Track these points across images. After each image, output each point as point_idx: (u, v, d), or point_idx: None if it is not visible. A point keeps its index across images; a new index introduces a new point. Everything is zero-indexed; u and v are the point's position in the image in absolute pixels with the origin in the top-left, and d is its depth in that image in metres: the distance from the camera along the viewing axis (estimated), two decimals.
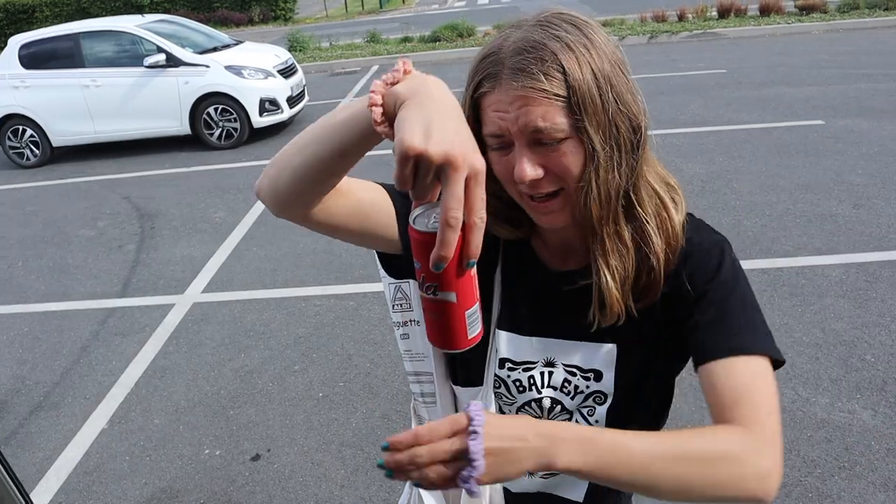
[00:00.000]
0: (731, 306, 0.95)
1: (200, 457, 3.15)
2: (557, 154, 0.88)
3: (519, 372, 1.05)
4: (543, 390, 1.05)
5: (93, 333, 4.37)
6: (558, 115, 0.86)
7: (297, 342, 3.98)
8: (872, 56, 9.81)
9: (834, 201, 5.07)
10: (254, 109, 8.40)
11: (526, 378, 1.05)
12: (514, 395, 1.06)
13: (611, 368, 1.02)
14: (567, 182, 0.90)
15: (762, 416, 0.85)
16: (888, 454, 2.70)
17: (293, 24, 23.58)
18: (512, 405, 1.08)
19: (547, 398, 1.05)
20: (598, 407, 1.04)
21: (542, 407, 1.06)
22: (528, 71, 0.85)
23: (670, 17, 14.01)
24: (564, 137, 0.87)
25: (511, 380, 1.05)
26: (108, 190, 7.44)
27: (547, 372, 1.04)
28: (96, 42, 8.59)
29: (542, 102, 0.85)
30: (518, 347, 1.05)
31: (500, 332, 1.06)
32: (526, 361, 1.05)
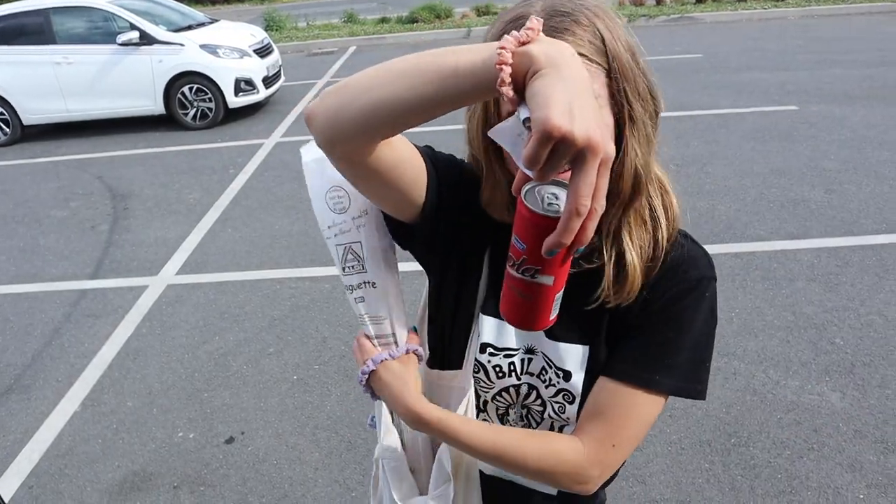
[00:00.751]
0: (674, 343, 0.95)
1: (174, 439, 3.13)
2: None
3: (500, 358, 1.03)
4: (522, 377, 1.04)
5: (65, 315, 4.31)
6: (597, 81, 0.83)
7: (271, 325, 3.96)
8: (846, 42, 9.91)
9: (807, 186, 5.14)
10: (229, 89, 8.29)
11: (506, 364, 1.04)
12: (492, 380, 1.05)
13: (581, 370, 1.00)
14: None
15: (606, 443, 0.95)
16: (855, 436, 2.76)
17: (270, 3, 23.27)
18: (489, 391, 1.07)
19: (525, 384, 1.04)
20: (567, 405, 1.02)
21: (518, 393, 1.05)
22: (570, 31, 0.81)
23: (648, 2, 14.03)
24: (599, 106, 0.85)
25: (491, 365, 1.04)
26: (81, 170, 7.31)
27: (527, 359, 1.03)
28: (67, 18, 8.39)
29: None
30: (501, 333, 1.03)
31: (484, 317, 1.03)
32: (507, 348, 1.03)
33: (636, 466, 2.70)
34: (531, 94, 0.63)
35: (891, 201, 4.78)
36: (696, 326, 0.96)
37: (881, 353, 3.22)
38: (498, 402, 1.07)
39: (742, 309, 3.67)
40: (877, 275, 3.87)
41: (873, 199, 4.82)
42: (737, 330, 3.49)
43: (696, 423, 2.89)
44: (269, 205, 5.76)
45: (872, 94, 7.27)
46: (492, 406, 1.08)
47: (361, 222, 1.01)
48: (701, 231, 4.56)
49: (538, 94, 0.62)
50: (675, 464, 2.72)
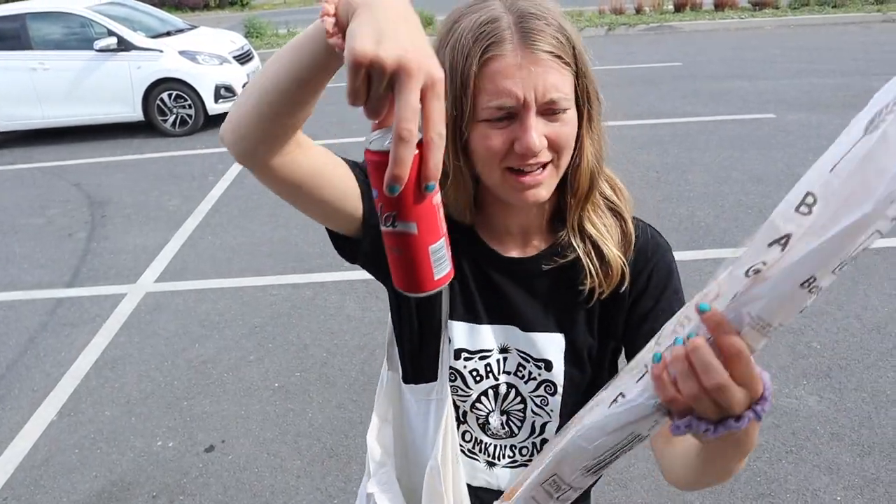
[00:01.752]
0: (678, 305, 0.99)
1: (153, 448, 3.09)
2: (560, 124, 0.87)
3: (475, 361, 1.04)
4: (500, 376, 1.05)
5: (41, 324, 4.25)
6: (567, 84, 0.86)
7: (252, 332, 3.94)
8: (822, 52, 10.07)
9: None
10: (209, 96, 8.25)
11: (483, 366, 1.04)
12: (470, 386, 1.05)
13: (560, 359, 1.02)
14: (561, 152, 0.89)
15: None
16: (832, 438, 2.79)
17: (250, 9, 23.22)
18: (467, 398, 1.06)
19: (503, 384, 1.05)
20: (549, 398, 1.04)
21: (497, 393, 1.05)
22: (544, 35, 0.84)
23: (628, 10, 14.18)
24: (567, 108, 0.87)
25: (468, 370, 1.04)
26: (58, 177, 7.23)
27: (502, 358, 1.04)
28: (44, 24, 8.33)
29: (558, 69, 0.85)
30: (474, 336, 1.03)
31: (454, 323, 1.03)
32: (481, 350, 1.04)
33: (618, 471, 2.72)
34: (347, 34, 0.61)
35: None
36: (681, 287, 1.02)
37: (857, 357, 3.26)
38: (477, 411, 1.07)
39: None
40: (852, 279, 3.93)
41: None
42: None
43: None
44: (249, 211, 5.73)
45: (847, 103, 7.38)
46: (471, 416, 1.08)
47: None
48: (681, 237, 4.61)
49: (349, 30, 0.61)
50: (655, 468, 2.73)
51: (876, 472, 2.60)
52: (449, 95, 0.87)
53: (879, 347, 3.32)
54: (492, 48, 0.84)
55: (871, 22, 12.32)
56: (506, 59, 0.84)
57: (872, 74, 8.50)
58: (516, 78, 0.83)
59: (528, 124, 0.85)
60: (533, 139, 0.84)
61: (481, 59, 0.84)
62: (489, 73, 0.85)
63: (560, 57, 0.84)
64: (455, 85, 0.87)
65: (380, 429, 1.18)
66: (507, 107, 0.85)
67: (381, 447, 1.17)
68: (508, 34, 0.84)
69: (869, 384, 3.08)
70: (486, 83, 0.85)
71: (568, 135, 0.89)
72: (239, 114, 0.82)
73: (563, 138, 0.88)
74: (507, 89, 0.84)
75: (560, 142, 0.88)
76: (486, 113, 0.86)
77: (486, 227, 1.03)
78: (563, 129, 0.88)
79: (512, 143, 0.86)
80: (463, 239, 1.02)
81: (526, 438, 1.09)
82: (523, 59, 0.83)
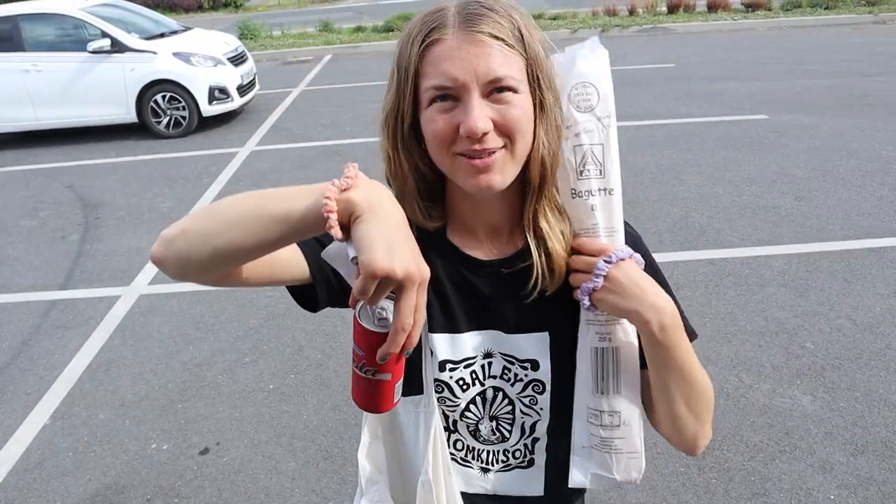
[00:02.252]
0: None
1: (147, 451, 3.08)
2: (509, 106, 0.86)
3: (460, 370, 1.03)
4: (486, 381, 1.04)
5: (34, 326, 4.24)
6: (515, 66, 0.86)
7: (247, 334, 3.93)
8: (814, 53, 10.11)
9: (777, 194, 5.22)
10: (203, 97, 8.23)
11: (468, 374, 1.03)
12: (458, 395, 1.04)
13: (546, 356, 1.02)
14: (513, 136, 0.88)
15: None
16: (826, 437, 2.80)
17: (244, 11, 23.19)
18: (455, 408, 1.06)
19: (490, 388, 1.05)
20: (538, 396, 1.04)
21: (485, 399, 1.05)
22: (486, 18, 0.85)
23: (621, 12, 14.20)
24: (517, 90, 0.86)
25: (454, 380, 1.03)
26: (51, 179, 7.20)
27: (486, 363, 1.03)
28: (37, 25, 8.30)
29: (501, 51, 0.85)
30: (455, 346, 1.02)
31: (435, 336, 1.02)
32: (465, 358, 1.03)
33: None
34: (356, 238, 0.73)
35: (858, 208, 4.87)
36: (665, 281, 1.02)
37: (850, 357, 3.27)
38: (467, 419, 1.07)
39: (715, 314, 3.71)
40: (845, 280, 3.94)
41: (841, 206, 4.92)
42: (710, 335, 3.53)
43: None
44: None
45: (839, 104, 7.42)
46: (462, 424, 1.08)
47: (608, 122, 0.94)
48: (675, 238, 4.62)
49: (362, 238, 0.73)
50: (650, 468, 2.72)
51: (869, 471, 2.61)
52: (394, 85, 0.90)
53: (872, 347, 3.33)
54: (433, 33, 0.85)
55: (863, 23, 12.37)
56: (446, 43, 0.85)
57: (864, 75, 8.54)
58: (455, 59, 0.84)
59: (469, 106, 0.85)
60: (475, 120, 0.84)
61: (423, 44, 0.86)
62: (431, 57, 0.86)
63: (503, 40, 0.85)
64: (400, 74, 0.89)
65: (370, 445, 1.17)
66: (446, 87, 0.85)
67: (373, 464, 1.17)
68: (451, 20, 0.86)
69: (862, 384, 3.09)
70: (427, 68, 0.86)
71: (517, 117, 0.87)
72: (190, 250, 0.84)
73: (512, 120, 0.86)
74: (445, 71, 0.84)
75: (509, 124, 0.86)
76: (428, 95, 0.87)
77: (458, 229, 1.03)
78: (511, 112, 0.86)
79: (458, 127, 0.86)
80: (436, 247, 1.01)
81: (518, 441, 1.09)
82: (463, 41, 0.84)
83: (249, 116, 9.01)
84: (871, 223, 4.63)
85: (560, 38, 12.97)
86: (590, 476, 1.00)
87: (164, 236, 0.86)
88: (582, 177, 0.94)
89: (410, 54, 0.87)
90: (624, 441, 0.99)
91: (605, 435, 0.98)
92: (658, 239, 4.62)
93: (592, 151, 0.93)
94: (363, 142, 7.21)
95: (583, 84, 0.93)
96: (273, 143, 7.75)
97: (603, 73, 0.93)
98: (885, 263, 4.09)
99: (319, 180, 0.79)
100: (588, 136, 0.93)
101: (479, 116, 0.84)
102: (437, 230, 1.01)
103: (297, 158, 7.09)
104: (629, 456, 0.99)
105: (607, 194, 0.95)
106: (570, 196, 0.95)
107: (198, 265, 0.85)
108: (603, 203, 0.95)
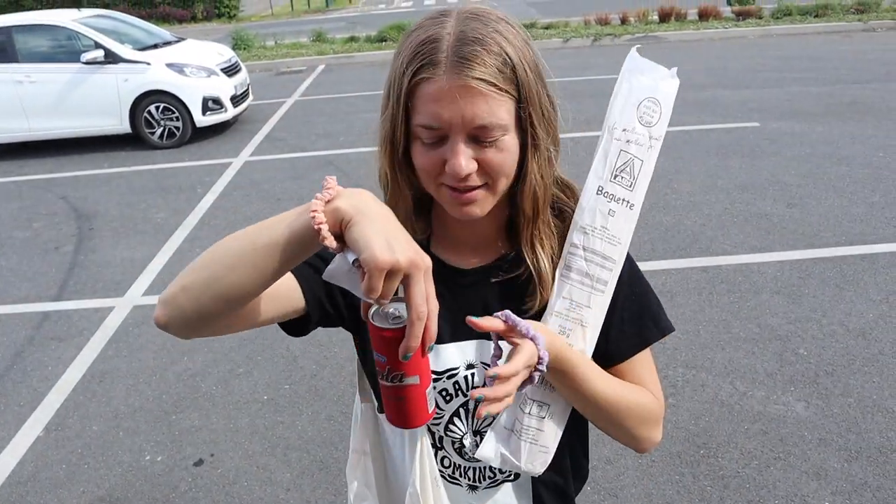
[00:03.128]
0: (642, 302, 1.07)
1: (141, 463, 3.07)
2: (494, 150, 0.88)
3: (444, 381, 1.03)
4: (469, 392, 1.04)
5: (27, 338, 4.22)
6: (503, 111, 0.86)
7: (241, 344, 3.92)
8: (804, 61, 10.19)
9: (769, 201, 5.25)
10: (196, 108, 8.24)
11: (451, 385, 1.04)
12: (442, 407, 1.05)
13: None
14: (495, 178, 0.90)
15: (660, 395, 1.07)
16: (820, 444, 2.81)
17: (237, 21, 23.22)
18: (440, 420, 1.06)
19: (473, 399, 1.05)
20: None
21: (468, 410, 1.05)
22: (477, 61, 0.83)
23: (613, 21, 14.28)
24: (503, 135, 0.88)
25: (437, 391, 1.04)
26: (44, 190, 7.19)
27: (469, 374, 1.04)
28: (30, 36, 8.29)
29: (489, 96, 0.84)
30: (439, 357, 1.03)
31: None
32: (448, 369, 1.03)
33: (608, 480, 2.72)
34: (352, 241, 0.73)
35: (849, 214, 4.90)
36: (644, 282, 1.07)
37: (843, 363, 3.29)
38: (451, 434, 1.07)
39: (709, 322, 3.72)
40: (837, 286, 3.96)
41: (832, 213, 4.95)
42: (704, 342, 3.54)
43: (666, 436, 2.92)
44: (237, 224, 5.72)
45: (830, 111, 7.47)
46: (447, 441, 1.08)
47: (655, 145, 0.99)
48: (668, 246, 4.64)
49: (358, 239, 0.72)
50: (645, 476, 2.74)
51: (864, 477, 2.62)
52: (388, 112, 0.91)
53: (865, 353, 3.35)
54: (424, 70, 0.85)
55: (853, 31, 12.47)
56: (436, 83, 0.84)
57: (854, 83, 8.61)
58: (443, 102, 0.84)
59: (455, 149, 0.87)
60: (459, 164, 0.86)
61: (413, 79, 0.86)
62: (421, 94, 0.86)
63: (494, 84, 0.84)
64: (392, 99, 0.90)
65: (358, 462, 1.17)
66: (434, 128, 0.87)
67: (360, 481, 1.16)
68: (444, 57, 0.84)
69: (855, 390, 3.11)
70: (417, 103, 0.87)
71: (501, 162, 0.89)
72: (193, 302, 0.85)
73: (495, 165, 0.89)
74: (434, 112, 0.85)
75: (492, 169, 0.89)
76: (418, 131, 0.89)
77: (442, 240, 1.05)
78: (496, 156, 0.88)
79: (444, 162, 0.88)
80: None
81: None
82: (453, 84, 0.84)
83: (243, 127, 9.01)
84: (863, 229, 4.66)
85: (552, 48, 13.04)
86: (500, 455, 1.02)
87: (164, 299, 0.87)
88: (615, 180, 0.98)
89: (402, 85, 0.88)
90: (541, 434, 1.00)
91: (527, 423, 1.00)
92: (651, 247, 4.64)
93: (633, 163, 0.98)
94: (357, 151, 7.23)
95: (654, 101, 0.98)
96: (267, 153, 7.76)
97: (672, 100, 1.00)
98: (877, 269, 4.12)
99: (314, 190, 0.79)
100: (637, 148, 0.98)
101: (462, 160, 0.86)
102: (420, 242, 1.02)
103: (291, 168, 7.10)
104: (540, 449, 1.01)
105: (628, 207, 0.98)
106: (595, 191, 0.98)
107: (204, 317, 0.86)
108: (621, 213, 0.98)
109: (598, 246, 0.98)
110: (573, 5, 16.99)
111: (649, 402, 1.04)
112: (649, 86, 0.98)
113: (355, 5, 28.16)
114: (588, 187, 0.99)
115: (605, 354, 1.03)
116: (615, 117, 0.98)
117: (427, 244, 1.04)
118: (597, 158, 0.99)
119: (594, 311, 0.99)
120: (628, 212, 0.98)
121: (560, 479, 1.13)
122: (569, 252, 0.99)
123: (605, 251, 0.98)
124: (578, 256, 0.98)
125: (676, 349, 3.50)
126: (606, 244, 0.98)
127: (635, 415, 1.03)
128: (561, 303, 0.99)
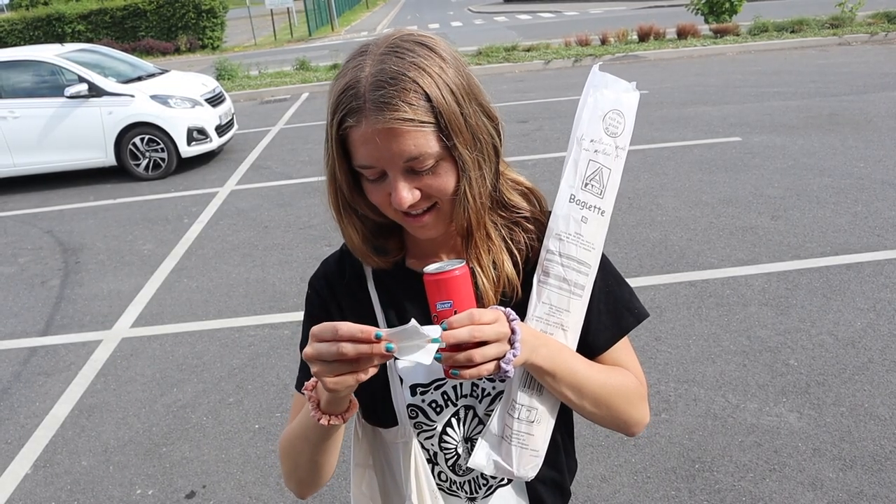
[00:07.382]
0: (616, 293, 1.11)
1: (132, 497, 3.03)
2: (432, 176, 0.92)
3: (431, 391, 1.05)
4: (458, 401, 1.06)
5: (14, 374, 4.17)
6: (429, 141, 0.89)
7: (231, 374, 3.89)
8: (782, 75, 10.34)
9: (754, 214, 5.29)
10: (181, 139, 8.25)
11: (440, 395, 1.05)
12: (432, 418, 1.06)
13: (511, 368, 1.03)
14: (440, 199, 0.94)
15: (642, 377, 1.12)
16: (814, 454, 2.81)
17: (221, 52, 23.33)
18: (432, 431, 1.07)
19: (462, 408, 1.06)
20: None
21: (459, 418, 1.07)
22: (392, 104, 0.86)
23: (594, 41, 14.46)
24: (437, 161, 0.91)
25: (426, 403, 1.05)
26: (29, 224, 7.15)
27: (458, 383, 1.05)
28: (13, 72, 8.32)
29: (412, 132, 0.87)
30: (424, 370, 1.04)
31: (401, 362, 1.04)
32: (435, 380, 1.05)
33: (603, 498, 2.71)
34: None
35: (833, 225, 4.95)
36: (615, 273, 1.11)
37: (834, 372, 3.30)
38: (446, 448, 1.08)
39: (699, 336, 3.73)
40: (825, 296, 3.99)
41: (816, 224, 4.99)
42: (695, 356, 3.55)
43: (661, 451, 2.91)
44: (224, 253, 5.70)
45: (809, 124, 7.57)
46: (441, 456, 1.09)
47: (622, 154, 1.04)
48: (655, 261, 4.66)
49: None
50: (641, 493, 2.73)
51: (859, 486, 2.62)
52: (327, 151, 0.96)
53: (855, 362, 3.37)
54: (347, 118, 0.89)
55: (828, 45, 12.69)
56: (360, 129, 0.88)
57: (831, 95, 8.74)
58: (371, 145, 0.88)
59: (395, 185, 0.91)
60: (400, 197, 0.91)
61: (341, 127, 0.91)
62: (351, 139, 0.91)
63: (413, 120, 0.87)
64: (328, 144, 0.95)
65: (361, 477, 1.17)
66: (371, 167, 0.91)
67: (365, 496, 1.17)
68: (362, 104, 0.87)
69: (847, 399, 3.11)
70: (351, 147, 0.92)
71: (441, 185, 0.93)
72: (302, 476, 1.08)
73: (436, 190, 0.93)
74: (366, 154, 0.90)
75: (433, 192, 0.93)
76: (359, 170, 0.94)
77: (416, 253, 1.09)
78: (434, 181, 0.92)
79: (390, 195, 0.92)
80: (395, 277, 1.08)
81: None
82: (374, 128, 0.87)
83: (228, 156, 9.02)
84: (847, 239, 4.70)
85: (534, 70, 13.18)
86: (492, 462, 1.03)
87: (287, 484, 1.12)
88: (585, 189, 1.03)
89: (332, 133, 0.93)
90: (531, 438, 1.02)
91: (517, 428, 1.01)
92: (639, 263, 4.66)
93: (601, 172, 1.03)
94: None
95: (619, 113, 1.03)
96: (253, 181, 7.76)
97: (634, 111, 1.05)
98: (863, 279, 4.15)
99: (300, 217, 0.80)
100: (605, 157, 1.03)
101: (403, 193, 0.91)
102: (395, 263, 1.07)
103: (277, 196, 7.10)
104: (531, 454, 1.02)
105: (600, 213, 1.03)
106: (567, 199, 1.02)
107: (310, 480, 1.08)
108: (593, 219, 1.03)
109: (573, 252, 1.01)
110: (554, 27, 17.19)
111: (631, 382, 1.08)
112: (613, 98, 1.03)
113: (338, 33, 28.38)
114: (560, 196, 1.03)
115: (587, 347, 1.06)
116: (583, 129, 1.03)
117: (402, 263, 1.09)
118: (567, 168, 1.03)
119: (573, 315, 1.02)
120: (600, 218, 1.03)
121: (557, 475, 1.15)
122: (546, 259, 1.02)
123: (580, 256, 1.02)
124: (555, 262, 1.01)
125: (668, 364, 3.50)
126: (581, 250, 1.02)
127: (622, 395, 1.05)
128: (541, 308, 1.01)
